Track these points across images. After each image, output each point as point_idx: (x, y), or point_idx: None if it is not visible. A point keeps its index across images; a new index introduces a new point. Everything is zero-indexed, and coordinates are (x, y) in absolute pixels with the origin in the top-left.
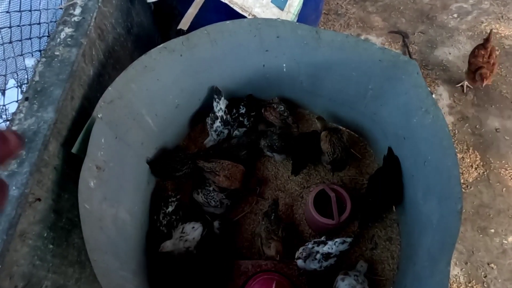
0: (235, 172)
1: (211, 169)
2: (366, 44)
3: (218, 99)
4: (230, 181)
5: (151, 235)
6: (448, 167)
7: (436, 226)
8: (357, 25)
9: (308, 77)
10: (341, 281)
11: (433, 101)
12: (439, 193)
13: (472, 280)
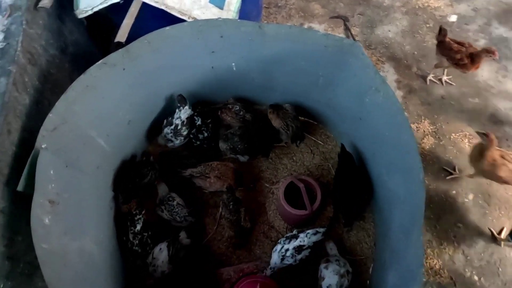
0: (225, 171)
1: (200, 173)
2: (310, 32)
3: (181, 107)
4: (222, 180)
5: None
6: (405, 141)
7: (404, 199)
8: (299, 15)
9: (259, 73)
10: (325, 269)
11: (382, 79)
12: (401, 167)
13: (444, 242)
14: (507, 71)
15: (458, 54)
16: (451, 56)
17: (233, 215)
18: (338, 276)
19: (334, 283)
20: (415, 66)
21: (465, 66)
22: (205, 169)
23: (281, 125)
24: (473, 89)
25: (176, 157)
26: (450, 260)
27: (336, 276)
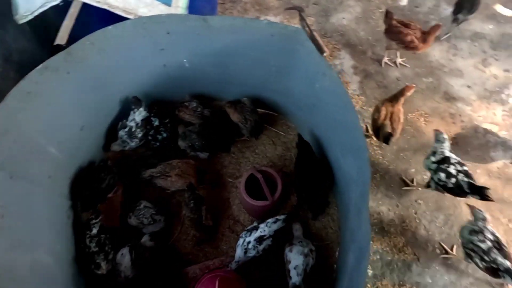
0: (187, 168)
1: (160, 173)
2: (254, 22)
3: (136, 109)
4: (184, 178)
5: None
6: (351, 122)
7: (356, 179)
8: (254, 8)
9: (213, 67)
10: (290, 252)
11: (327, 63)
12: (351, 148)
13: (406, 220)
14: (457, 50)
15: (408, 36)
16: (401, 39)
17: (194, 213)
18: (302, 256)
19: (300, 263)
20: (370, 50)
21: (416, 47)
22: (165, 168)
23: (239, 119)
24: (427, 69)
25: (140, 158)
26: (413, 237)
27: (301, 256)
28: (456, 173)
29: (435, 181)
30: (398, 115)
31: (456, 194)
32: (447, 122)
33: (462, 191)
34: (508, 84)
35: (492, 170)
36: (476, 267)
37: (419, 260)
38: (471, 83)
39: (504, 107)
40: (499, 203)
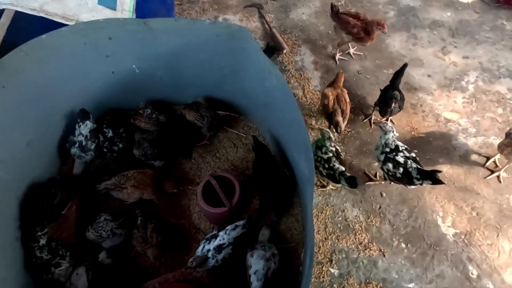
0: (143, 178)
1: (115, 185)
2: (196, 22)
3: (81, 122)
4: (140, 189)
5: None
6: (297, 120)
7: (308, 177)
8: (213, 8)
9: (165, 71)
10: (251, 257)
11: (270, 62)
12: (301, 146)
13: (370, 215)
14: (417, 39)
15: (355, 28)
16: (348, 30)
17: (140, 231)
18: (263, 261)
19: (260, 268)
20: (331, 45)
21: (362, 39)
22: (120, 180)
23: (195, 117)
24: (387, 60)
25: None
26: (378, 232)
27: (262, 260)
28: (404, 160)
29: (385, 172)
30: (344, 96)
31: (406, 183)
32: (408, 113)
33: (411, 178)
34: (468, 71)
35: (454, 159)
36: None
37: (384, 256)
38: (432, 72)
39: (464, 94)
40: (462, 191)
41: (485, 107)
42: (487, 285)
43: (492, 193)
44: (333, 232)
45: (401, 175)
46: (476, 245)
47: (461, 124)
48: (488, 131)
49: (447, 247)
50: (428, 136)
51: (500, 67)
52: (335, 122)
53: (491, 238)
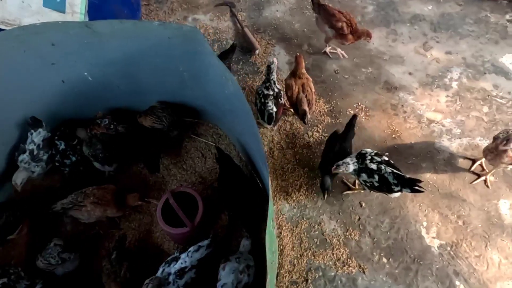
0: (103, 194)
1: (72, 203)
2: (143, 24)
3: (33, 130)
4: (101, 205)
5: None
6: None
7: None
8: (182, 8)
9: (119, 78)
10: (222, 271)
11: (224, 67)
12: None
13: (349, 228)
14: (397, 35)
15: (339, 22)
16: (332, 23)
17: (113, 266)
18: (234, 274)
19: (229, 281)
20: (306, 43)
21: (344, 37)
22: (77, 198)
23: (152, 121)
24: (366, 59)
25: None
26: (357, 246)
27: (232, 274)
28: (378, 166)
29: (363, 183)
30: (309, 85)
31: (387, 191)
32: (389, 115)
33: (389, 185)
34: (451, 67)
35: (438, 163)
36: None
37: (364, 272)
38: (413, 69)
39: (448, 92)
40: (447, 198)
41: (469, 105)
42: None
43: (479, 199)
44: (309, 248)
45: (378, 183)
46: (463, 257)
47: (445, 124)
48: (473, 131)
49: (431, 260)
50: (410, 139)
51: (485, 62)
52: (301, 112)
53: (478, 249)
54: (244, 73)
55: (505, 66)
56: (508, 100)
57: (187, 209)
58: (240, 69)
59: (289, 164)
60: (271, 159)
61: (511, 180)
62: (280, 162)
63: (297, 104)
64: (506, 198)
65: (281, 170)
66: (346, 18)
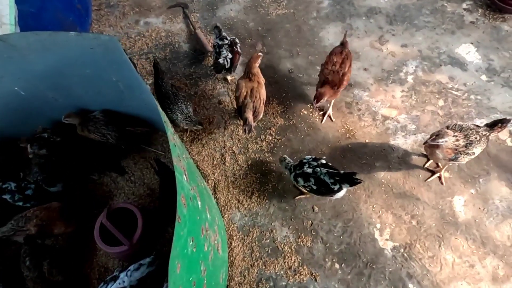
0: (48, 214)
1: (14, 230)
2: (59, 35)
3: None
4: (49, 226)
5: None
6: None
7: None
8: (134, 11)
9: (53, 91)
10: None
11: (136, 74)
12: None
13: (301, 234)
14: (353, 29)
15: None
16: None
17: (33, 271)
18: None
19: None
20: (260, 43)
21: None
22: (18, 223)
23: (97, 137)
24: (321, 56)
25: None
26: (309, 253)
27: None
28: (313, 170)
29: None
30: (259, 91)
31: (329, 192)
32: (343, 113)
33: (328, 186)
34: (406, 61)
35: (392, 162)
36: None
37: (316, 280)
38: (368, 64)
39: (403, 87)
40: (401, 198)
41: (425, 99)
42: None
43: (433, 197)
44: (260, 258)
45: (316, 185)
46: (417, 258)
47: (400, 121)
48: (428, 126)
49: (384, 263)
50: (365, 137)
51: (441, 54)
52: (243, 119)
53: (432, 249)
54: (196, 77)
55: (461, 57)
56: (463, 92)
57: (130, 224)
58: (193, 73)
59: (241, 171)
60: (223, 166)
61: (465, 175)
62: (232, 168)
63: (241, 108)
64: (461, 195)
65: (233, 177)
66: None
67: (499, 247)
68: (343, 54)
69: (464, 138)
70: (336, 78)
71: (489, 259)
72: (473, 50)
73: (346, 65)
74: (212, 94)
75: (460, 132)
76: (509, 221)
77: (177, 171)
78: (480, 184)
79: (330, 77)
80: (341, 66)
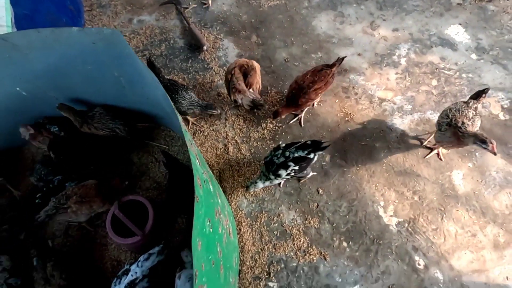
0: (86, 191)
1: (56, 208)
2: (62, 31)
3: None
4: (88, 203)
5: None
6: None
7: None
8: (126, 10)
9: (55, 90)
10: (178, 279)
11: (143, 64)
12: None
13: (308, 216)
14: (344, 17)
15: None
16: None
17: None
18: (190, 282)
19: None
20: (254, 34)
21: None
22: (59, 200)
23: (107, 133)
24: (315, 44)
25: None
26: (317, 234)
27: (188, 282)
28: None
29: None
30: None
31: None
32: (340, 98)
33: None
34: (398, 44)
35: (391, 142)
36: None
37: (326, 259)
38: (361, 50)
39: (397, 70)
40: (402, 176)
41: (419, 80)
42: (435, 274)
43: (433, 173)
44: (269, 241)
45: (296, 164)
46: (421, 232)
47: (396, 102)
48: (423, 106)
49: (390, 239)
50: (363, 120)
51: (431, 36)
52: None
53: (435, 222)
54: (194, 71)
55: (450, 37)
56: (455, 71)
57: (140, 216)
58: (190, 67)
59: (244, 159)
60: (226, 156)
61: (462, 150)
62: (235, 157)
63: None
64: (459, 169)
65: (237, 166)
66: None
67: (498, 216)
68: (320, 74)
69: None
70: (297, 96)
71: (489, 227)
72: (462, 31)
73: (315, 87)
74: (210, 87)
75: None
76: (506, 191)
77: (191, 155)
78: (476, 158)
79: (291, 94)
80: (308, 85)
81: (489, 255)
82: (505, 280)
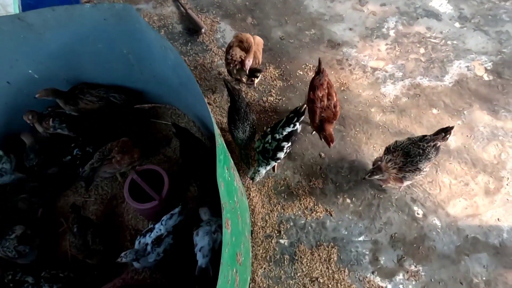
0: (124, 144)
1: (101, 159)
2: (75, 8)
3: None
4: (129, 153)
5: None
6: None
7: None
8: (122, 0)
9: (66, 71)
10: (196, 236)
11: (160, 35)
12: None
13: (312, 178)
14: None
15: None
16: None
17: (79, 239)
18: (208, 236)
19: (205, 244)
20: (250, 16)
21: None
22: (103, 152)
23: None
24: (308, 22)
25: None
26: (322, 193)
27: (207, 236)
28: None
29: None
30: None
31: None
32: (336, 70)
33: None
34: (386, 18)
35: (385, 106)
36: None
37: (331, 215)
38: (352, 25)
39: (387, 41)
40: (397, 136)
41: (407, 49)
42: (434, 221)
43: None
44: (277, 203)
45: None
46: (418, 185)
47: (387, 70)
48: (413, 72)
49: (390, 193)
50: (358, 88)
51: (417, 8)
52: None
53: (430, 175)
54: (194, 53)
55: (434, 9)
56: (441, 39)
57: (153, 185)
58: (190, 50)
59: None
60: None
61: (451, 110)
62: None
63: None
64: None
65: None
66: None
67: (487, 165)
68: (325, 85)
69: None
70: (330, 113)
71: (480, 176)
72: (445, 2)
73: (333, 95)
74: (211, 67)
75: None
76: (493, 143)
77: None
78: (465, 116)
79: (324, 115)
80: (328, 98)
81: (481, 201)
82: (496, 221)
